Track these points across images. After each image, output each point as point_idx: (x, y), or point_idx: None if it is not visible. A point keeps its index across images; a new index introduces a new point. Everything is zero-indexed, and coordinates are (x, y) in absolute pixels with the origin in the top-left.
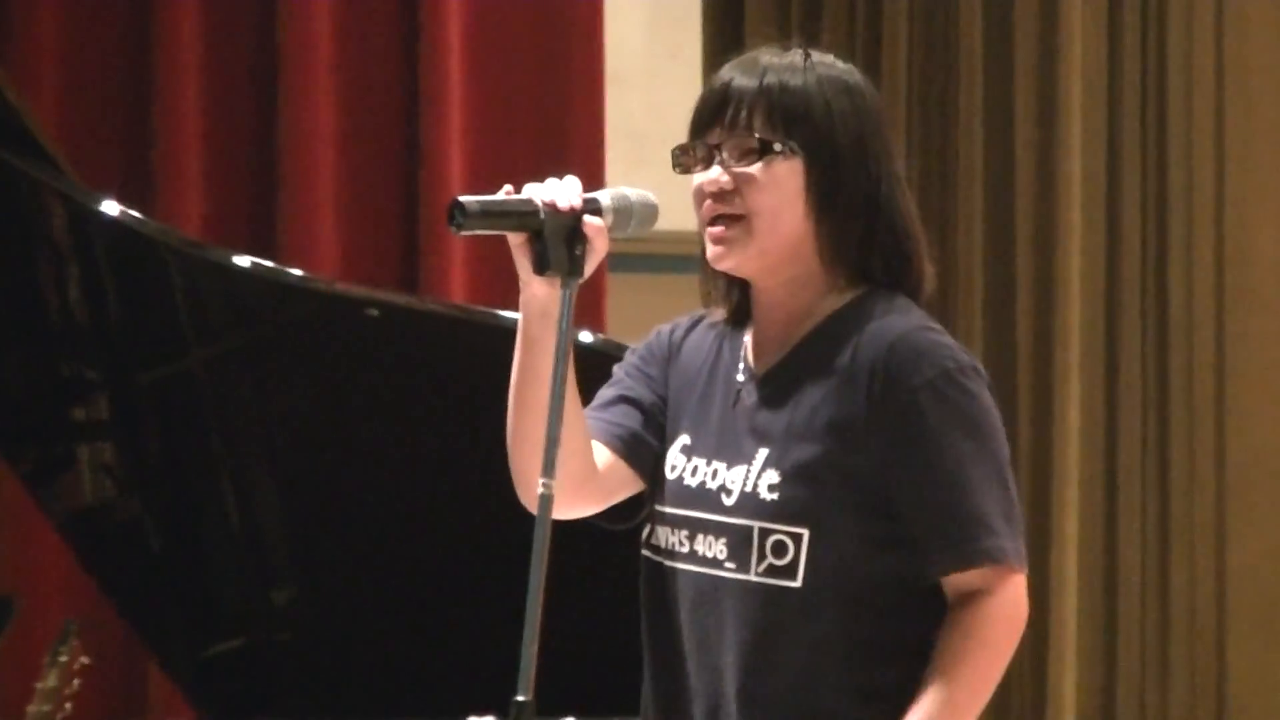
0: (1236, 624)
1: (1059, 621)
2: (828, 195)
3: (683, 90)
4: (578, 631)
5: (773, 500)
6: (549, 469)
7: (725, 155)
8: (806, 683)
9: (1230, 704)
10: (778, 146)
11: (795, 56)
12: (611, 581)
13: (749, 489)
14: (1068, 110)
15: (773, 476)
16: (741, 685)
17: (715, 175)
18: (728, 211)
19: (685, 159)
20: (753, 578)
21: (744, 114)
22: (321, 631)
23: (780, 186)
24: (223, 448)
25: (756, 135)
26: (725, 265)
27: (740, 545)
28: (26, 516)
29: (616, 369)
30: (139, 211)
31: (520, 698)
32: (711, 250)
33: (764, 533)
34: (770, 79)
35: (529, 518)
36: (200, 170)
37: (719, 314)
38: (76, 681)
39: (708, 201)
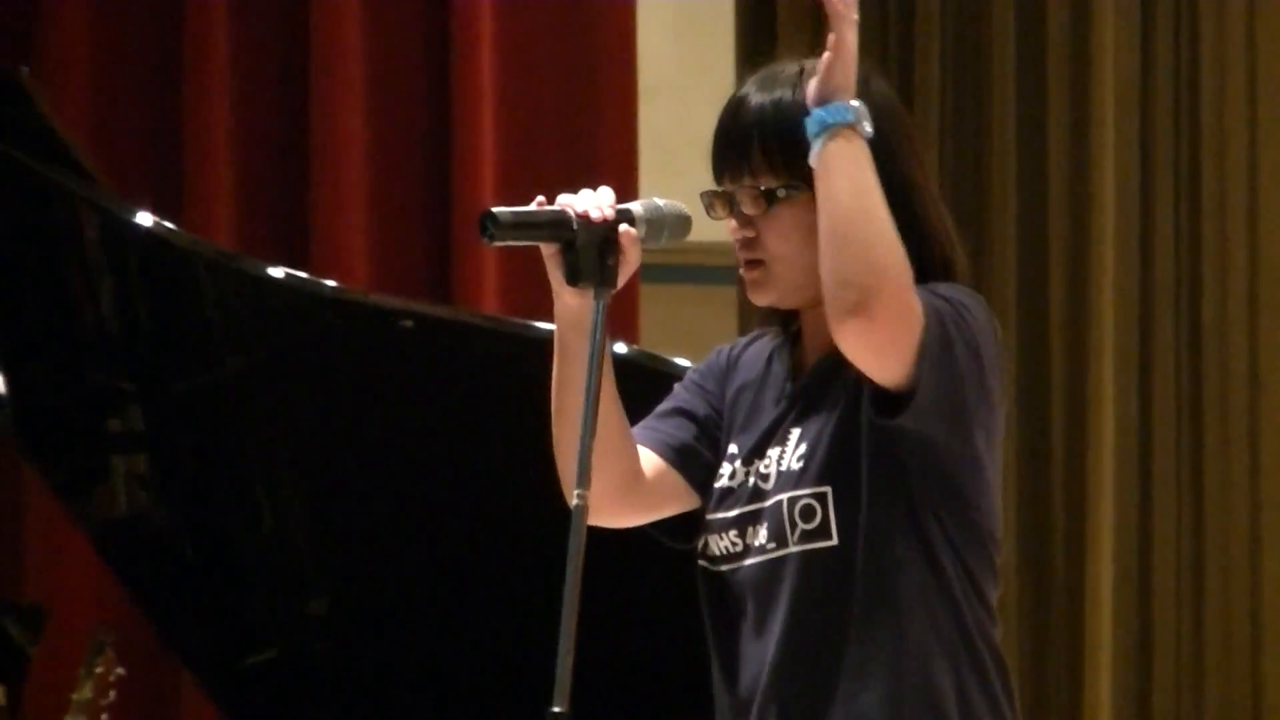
0: (1271, 632)
1: (1094, 631)
2: None
3: (714, 102)
4: (617, 641)
5: (799, 468)
6: (583, 480)
7: (738, 204)
8: (852, 641)
9: (1266, 712)
10: (780, 193)
11: (792, 71)
12: (653, 592)
13: (783, 468)
14: (1100, 119)
15: (802, 448)
16: (790, 653)
17: (734, 225)
18: (752, 256)
19: (712, 207)
20: (792, 549)
21: (745, 161)
22: (357, 642)
23: (794, 228)
24: (256, 458)
25: (761, 186)
26: (763, 302)
27: (777, 523)
28: (59, 527)
29: (676, 385)
30: (169, 222)
31: (557, 709)
32: (749, 291)
33: (792, 501)
34: (764, 120)
35: (567, 527)
36: (231, 180)
37: (775, 330)
38: (111, 693)
39: (737, 246)
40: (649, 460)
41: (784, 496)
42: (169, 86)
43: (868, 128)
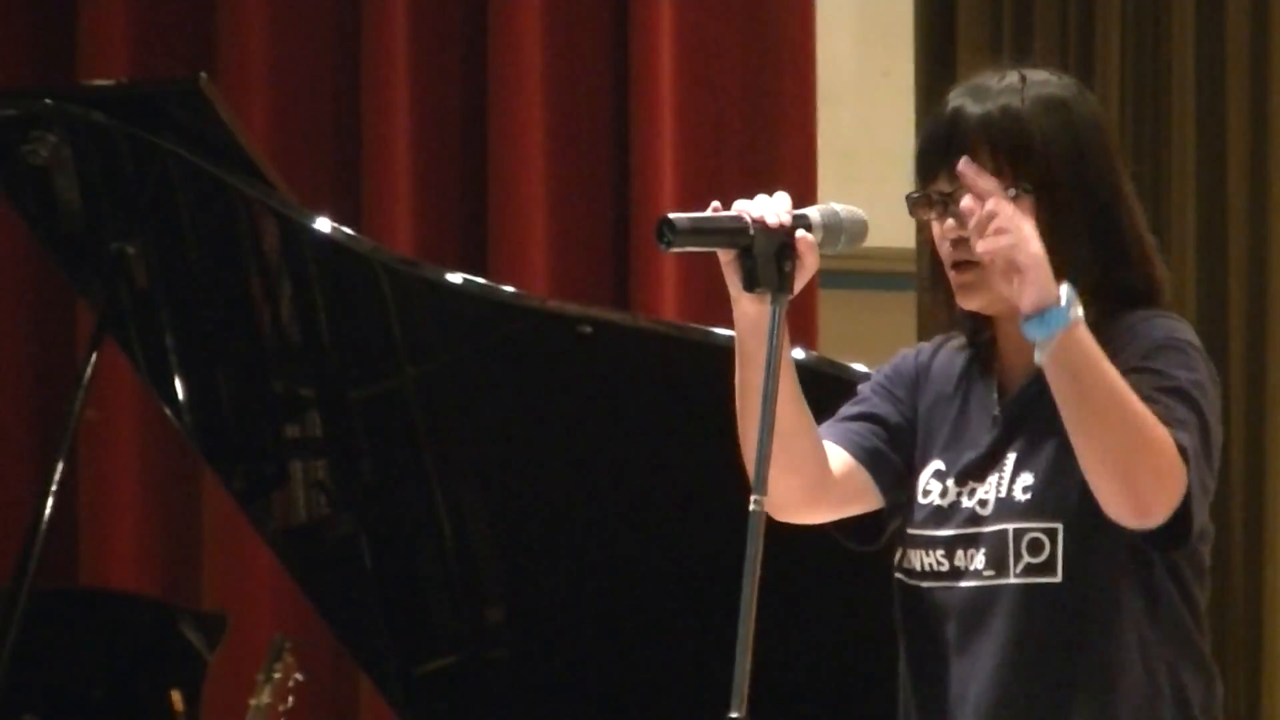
0: None
1: (1271, 636)
2: (1060, 227)
3: (894, 108)
4: (799, 647)
5: (1026, 500)
6: (760, 486)
7: (962, 205)
8: (1068, 679)
9: None
10: (1011, 193)
11: (1012, 79)
12: (831, 599)
13: (1003, 495)
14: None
15: (1026, 479)
16: (1004, 686)
17: (950, 225)
18: (970, 259)
19: (920, 208)
20: (1012, 580)
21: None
22: (535, 649)
23: None
24: (435, 464)
25: None
26: (973, 306)
27: (997, 551)
28: (238, 533)
29: (861, 388)
30: (348, 228)
31: (734, 714)
32: (959, 294)
33: (1019, 533)
34: (993, 120)
35: (743, 531)
36: (410, 187)
37: (961, 339)
38: (290, 698)
39: (947, 247)
40: (839, 458)
41: (1009, 527)
42: (348, 93)
43: (1079, 311)
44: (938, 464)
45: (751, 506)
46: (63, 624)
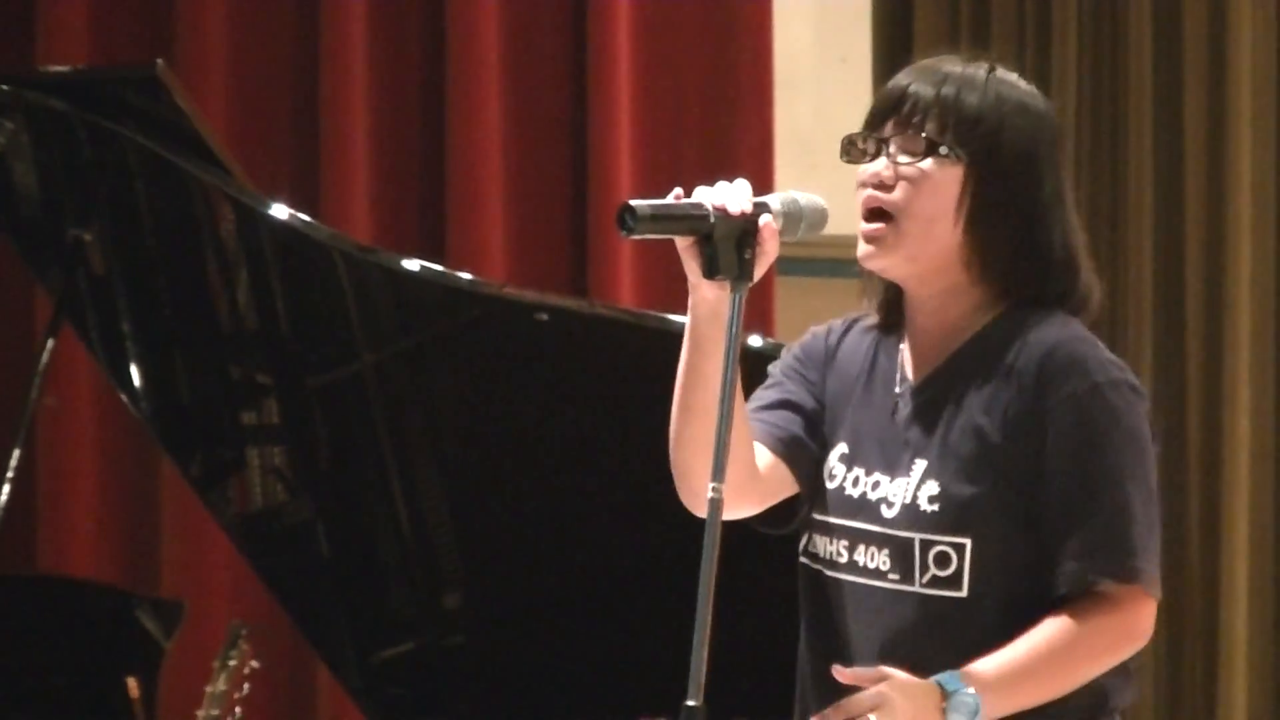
0: None
1: (1229, 629)
2: (984, 207)
3: (852, 95)
4: (749, 634)
5: (933, 512)
6: (718, 473)
7: (892, 149)
8: None
9: None
10: (943, 150)
11: (978, 70)
12: (778, 585)
13: (909, 501)
14: (1237, 116)
15: (932, 488)
16: None
17: (878, 168)
18: (882, 204)
19: (854, 150)
20: (917, 589)
21: (917, 115)
22: (492, 635)
23: (938, 190)
24: (392, 451)
25: (924, 136)
26: (873, 265)
27: (903, 557)
28: (196, 521)
29: (772, 368)
30: (306, 215)
31: (691, 702)
32: (862, 249)
33: (926, 544)
34: (948, 87)
35: (699, 520)
36: (368, 174)
37: (872, 318)
38: (246, 685)
39: (866, 191)
40: (760, 453)
41: (916, 536)
42: (306, 79)
43: (969, 698)
44: (843, 447)
45: (709, 494)
46: (20, 611)
